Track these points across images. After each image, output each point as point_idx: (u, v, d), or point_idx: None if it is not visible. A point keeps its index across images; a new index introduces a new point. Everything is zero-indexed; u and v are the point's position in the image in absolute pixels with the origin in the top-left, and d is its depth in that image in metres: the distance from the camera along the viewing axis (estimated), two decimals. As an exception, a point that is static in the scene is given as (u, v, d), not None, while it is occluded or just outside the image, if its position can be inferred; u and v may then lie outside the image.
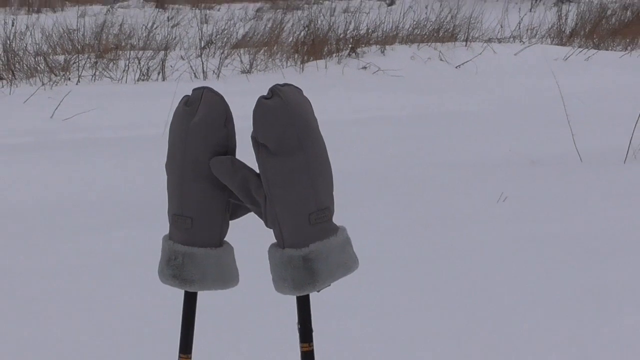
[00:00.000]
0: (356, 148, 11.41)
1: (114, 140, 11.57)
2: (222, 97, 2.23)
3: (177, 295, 2.45)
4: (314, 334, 2.37)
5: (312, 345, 2.29)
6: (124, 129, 12.23)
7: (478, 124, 13.24)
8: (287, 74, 17.57)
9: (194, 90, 2.24)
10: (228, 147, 2.21)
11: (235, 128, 2.34)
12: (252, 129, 2.18)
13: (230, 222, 2.31)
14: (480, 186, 9.23)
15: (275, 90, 2.17)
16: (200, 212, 2.19)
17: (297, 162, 2.14)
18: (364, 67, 18.71)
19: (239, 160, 2.19)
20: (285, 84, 2.19)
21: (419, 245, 7.40)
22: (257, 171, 2.20)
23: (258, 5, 31.83)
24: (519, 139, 11.81)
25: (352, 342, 5.53)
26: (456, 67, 18.94)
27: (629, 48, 21.30)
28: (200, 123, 2.17)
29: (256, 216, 2.29)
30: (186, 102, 2.19)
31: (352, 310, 6.00)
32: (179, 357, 2.37)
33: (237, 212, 2.28)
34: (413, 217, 8.28)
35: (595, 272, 6.63)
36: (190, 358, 2.37)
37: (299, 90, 2.23)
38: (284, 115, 2.12)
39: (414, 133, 12.64)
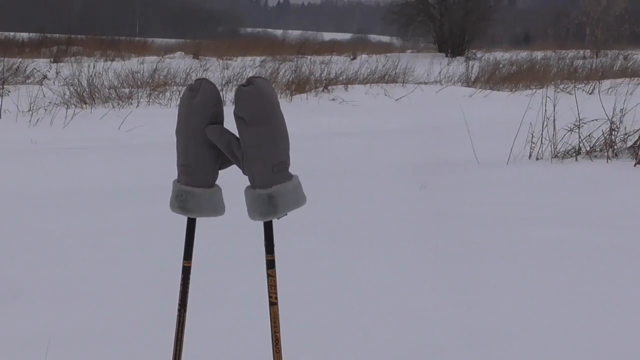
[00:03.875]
0: (328, 151, 11.53)
1: (160, 145, 11.56)
2: (214, 86, 2.29)
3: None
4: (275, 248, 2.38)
5: (274, 256, 2.32)
6: (167, 137, 12.15)
7: (409, 138, 13.21)
8: (280, 102, 17.64)
9: (195, 80, 2.29)
10: (218, 119, 2.26)
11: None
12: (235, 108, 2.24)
13: (219, 171, 2.35)
14: (408, 178, 9.25)
15: (251, 80, 2.23)
16: (198, 163, 2.24)
17: (264, 130, 2.19)
18: (333, 99, 18.79)
19: (225, 129, 2.25)
20: (257, 76, 2.24)
21: (363, 213, 7.52)
22: (238, 136, 2.21)
23: (263, 57, 31.76)
24: (437, 148, 11.82)
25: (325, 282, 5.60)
26: (396, 100, 18.87)
27: (513, 90, 21.37)
28: (199, 103, 2.22)
29: (238, 168, 2.32)
30: (190, 88, 2.25)
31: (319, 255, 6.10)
32: (183, 262, 2.39)
33: (224, 164, 2.30)
34: (362, 196, 8.37)
35: (480, 231, 6.78)
36: (191, 263, 2.40)
37: (268, 82, 2.27)
38: (256, 98, 2.18)
39: (366, 143, 12.65)
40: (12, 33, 43.60)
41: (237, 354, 4.28)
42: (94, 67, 21.57)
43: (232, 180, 3.01)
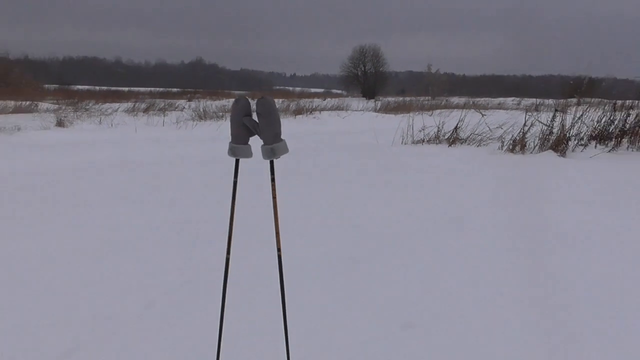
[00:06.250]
0: (309, 141, 11.26)
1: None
2: (248, 100, 2.18)
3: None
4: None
5: (274, 175, 2.17)
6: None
7: (347, 135, 13.10)
8: (287, 120, 17.48)
9: (238, 97, 2.21)
10: (249, 114, 2.14)
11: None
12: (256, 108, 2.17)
13: (249, 137, 2.20)
14: (347, 151, 9.14)
15: (263, 95, 2.14)
16: (239, 133, 2.14)
17: (269, 118, 2.09)
18: (314, 117, 18.32)
19: (252, 118, 2.14)
20: (266, 93, 2.19)
21: (326, 166, 7.37)
22: (257, 121, 2.15)
23: (283, 99, 31.21)
24: (360, 139, 11.67)
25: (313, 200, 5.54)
26: (342, 118, 18.48)
27: (396, 114, 21.17)
28: (240, 107, 2.13)
29: (258, 137, 2.24)
30: (236, 100, 2.16)
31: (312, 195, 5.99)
32: (233, 179, 2.22)
33: (251, 134, 2.16)
34: (326, 158, 8.22)
35: (380, 174, 6.64)
36: (237, 180, 2.22)
37: (271, 97, 2.19)
38: (266, 103, 2.09)
39: (328, 137, 12.46)
40: (169, 88, 43.47)
41: (255, 226, 4.17)
42: (205, 103, 21.53)
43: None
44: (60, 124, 13.89)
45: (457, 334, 2.64)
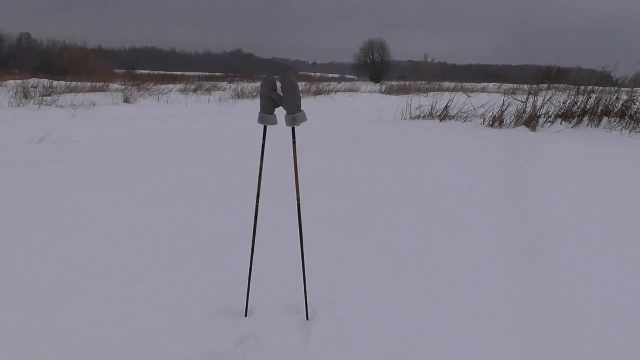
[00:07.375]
0: (329, 116, 11.06)
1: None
2: (274, 77, 2.10)
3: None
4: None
5: (295, 139, 2.12)
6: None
7: (359, 111, 12.91)
8: (309, 99, 17.20)
9: (266, 75, 2.14)
10: (275, 89, 2.07)
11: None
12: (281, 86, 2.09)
13: (275, 109, 2.11)
14: (358, 125, 9.02)
15: (287, 74, 2.08)
16: (267, 104, 2.06)
17: (291, 93, 2.01)
18: (331, 98, 17.87)
19: (277, 92, 2.07)
20: (290, 73, 2.11)
21: (339, 137, 7.26)
22: (282, 95, 2.08)
23: (305, 83, 30.58)
24: (369, 115, 11.46)
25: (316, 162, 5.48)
26: (354, 98, 18.20)
27: (398, 95, 20.63)
28: (268, 83, 2.04)
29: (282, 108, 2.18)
30: (264, 78, 2.09)
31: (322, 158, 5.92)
32: (262, 142, 2.15)
33: (276, 106, 2.08)
34: (339, 131, 8.08)
35: (383, 142, 6.53)
36: (265, 143, 2.11)
37: (294, 75, 2.13)
38: (289, 81, 2.02)
39: (343, 113, 12.30)
40: (214, 73, 43.06)
41: (279, 180, 4.00)
42: (243, 85, 21.15)
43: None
44: (126, 100, 13.95)
45: (441, 269, 2.64)
